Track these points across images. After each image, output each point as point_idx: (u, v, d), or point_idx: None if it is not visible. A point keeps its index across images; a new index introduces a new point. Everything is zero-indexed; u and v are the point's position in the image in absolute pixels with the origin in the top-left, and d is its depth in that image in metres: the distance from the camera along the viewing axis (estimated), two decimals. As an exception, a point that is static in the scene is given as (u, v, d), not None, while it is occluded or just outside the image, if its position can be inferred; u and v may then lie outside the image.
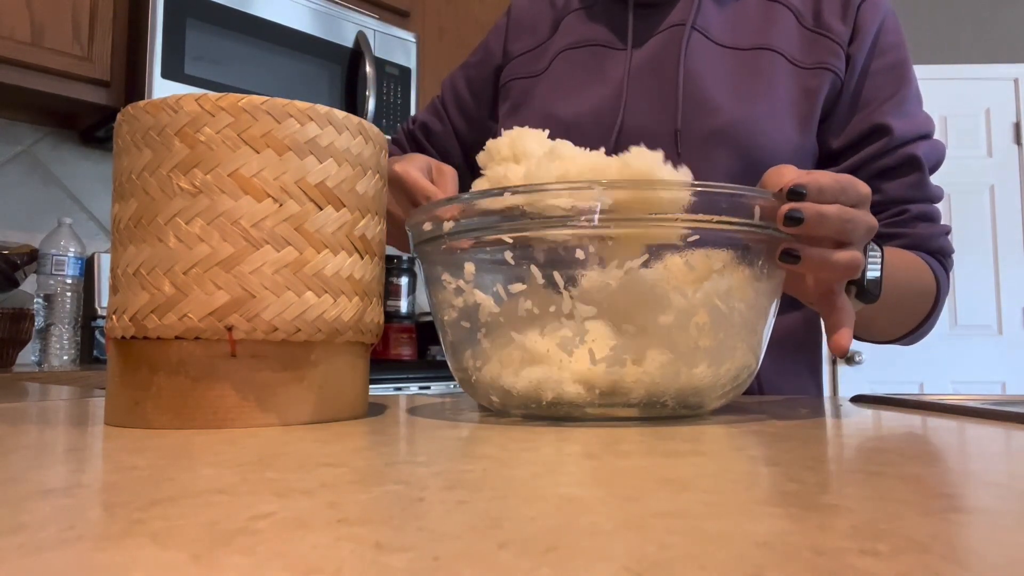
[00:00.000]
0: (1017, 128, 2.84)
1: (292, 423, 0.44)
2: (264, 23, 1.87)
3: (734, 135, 0.74)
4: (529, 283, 0.46)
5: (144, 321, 0.43)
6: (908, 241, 0.75)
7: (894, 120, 0.75)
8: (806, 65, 0.76)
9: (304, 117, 0.44)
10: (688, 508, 0.22)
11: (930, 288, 0.74)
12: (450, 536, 0.19)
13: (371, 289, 0.49)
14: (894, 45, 0.78)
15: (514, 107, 0.87)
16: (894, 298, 0.64)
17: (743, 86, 0.76)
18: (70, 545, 0.18)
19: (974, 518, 0.21)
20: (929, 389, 2.77)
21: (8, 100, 1.75)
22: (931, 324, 0.77)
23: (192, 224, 0.42)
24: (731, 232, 0.46)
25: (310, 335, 0.44)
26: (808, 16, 0.78)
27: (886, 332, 0.77)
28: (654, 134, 0.77)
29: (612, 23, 0.83)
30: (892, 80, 0.77)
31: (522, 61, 0.88)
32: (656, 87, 0.78)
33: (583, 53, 0.83)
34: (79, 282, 1.64)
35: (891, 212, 0.75)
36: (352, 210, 0.47)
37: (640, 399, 0.45)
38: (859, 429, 0.45)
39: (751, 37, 0.78)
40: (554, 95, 0.83)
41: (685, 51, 0.77)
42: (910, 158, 0.75)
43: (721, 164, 0.73)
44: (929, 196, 0.76)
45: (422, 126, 0.96)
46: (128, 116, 0.45)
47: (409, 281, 2.39)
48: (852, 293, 0.56)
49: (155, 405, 0.42)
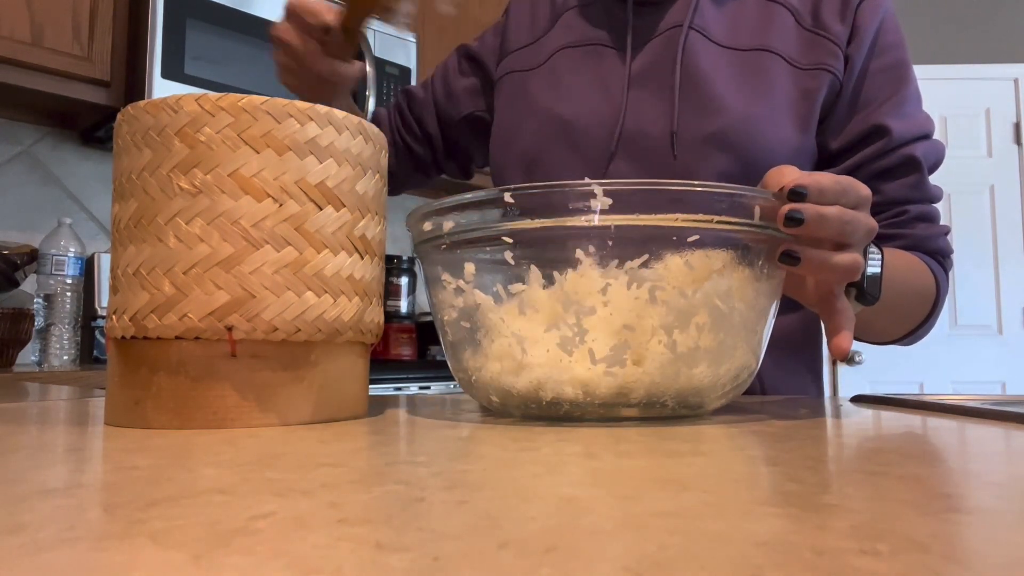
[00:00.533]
0: (1017, 128, 2.84)
1: (292, 423, 0.44)
2: (264, 23, 1.87)
3: (733, 136, 0.74)
4: (529, 283, 0.46)
5: (144, 321, 0.42)
6: (907, 242, 0.75)
7: (893, 121, 0.75)
8: (804, 66, 0.76)
9: (304, 117, 0.44)
10: (688, 508, 0.22)
11: (930, 289, 0.74)
12: (450, 536, 0.19)
13: (371, 289, 0.49)
14: (893, 45, 0.78)
15: (510, 100, 0.87)
16: (893, 299, 0.64)
17: (743, 86, 0.75)
18: (70, 545, 0.18)
19: (974, 518, 0.21)
20: (929, 389, 2.77)
21: (8, 100, 1.75)
22: (931, 325, 0.77)
23: (192, 224, 0.42)
24: (731, 232, 0.46)
25: (310, 335, 0.44)
26: (807, 16, 0.78)
27: (886, 333, 0.77)
28: (653, 136, 0.77)
29: (612, 22, 0.83)
30: (891, 80, 0.77)
31: (519, 55, 0.88)
32: (655, 89, 0.78)
33: (582, 52, 0.83)
34: (79, 282, 1.64)
35: (890, 213, 0.75)
36: (352, 210, 0.47)
37: (640, 399, 0.45)
38: (859, 429, 0.45)
39: (750, 37, 0.78)
40: (553, 92, 0.82)
41: (682, 52, 0.77)
42: (909, 159, 0.75)
43: (719, 165, 0.73)
44: (928, 196, 0.76)
45: (407, 94, 0.99)
46: (128, 116, 0.45)
47: (409, 281, 2.39)
48: (852, 295, 0.56)
49: (155, 405, 0.42)
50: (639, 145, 0.77)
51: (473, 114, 0.94)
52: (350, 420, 0.46)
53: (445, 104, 0.95)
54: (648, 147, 0.77)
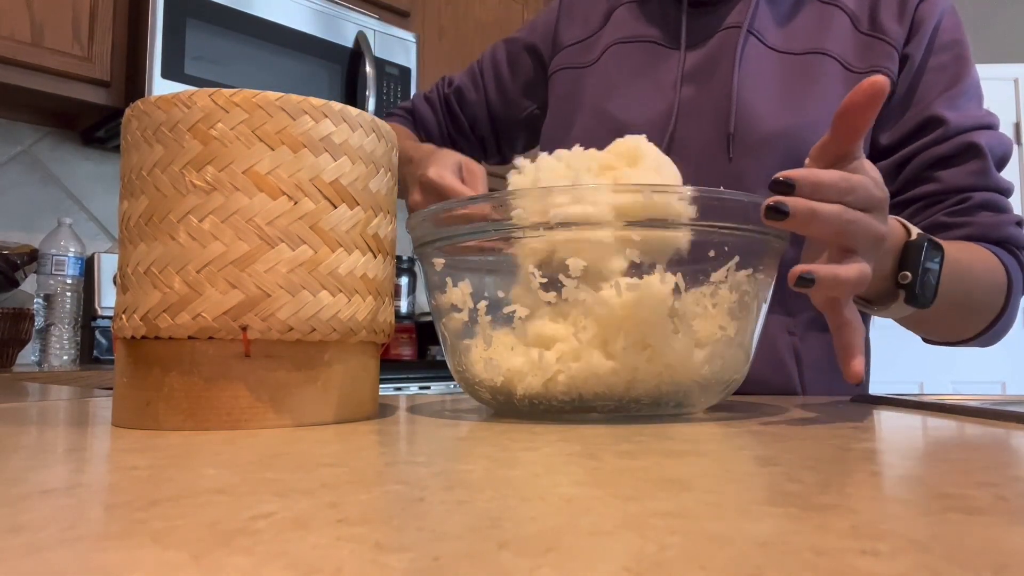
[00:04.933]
0: (1017, 128, 2.84)
1: (307, 424, 0.43)
2: (264, 23, 1.87)
3: (784, 141, 0.73)
4: (528, 284, 0.46)
5: (156, 320, 0.42)
6: (971, 231, 0.70)
7: (948, 112, 0.72)
8: (859, 69, 0.75)
9: (319, 114, 0.44)
10: (688, 508, 0.22)
11: (999, 282, 0.68)
12: (450, 536, 0.19)
13: (383, 288, 0.48)
14: (952, 43, 0.76)
15: (563, 98, 0.86)
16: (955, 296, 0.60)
17: (794, 92, 0.75)
18: (70, 545, 0.18)
19: (974, 518, 0.21)
20: (929, 389, 2.77)
21: (8, 100, 1.75)
22: (1008, 320, 0.71)
23: (205, 222, 0.42)
24: (726, 234, 0.46)
25: (325, 335, 0.44)
26: (864, 19, 0.77)
27: (953, 332, 0.71)
28: (706, 138, 0.76)
29: (665, 21, 0.82)
30: (948, 77, 0.75)
31: (571, 51, 0.87)
32: (709, 91, 0.77)
33: (635, 48, 0.82)
34: (79, 282, 1.63)
35: (951, 201, 0.71)
36: (365, 208, 0.46)
37: (637, 398, 0.45)
38: (859, 429, 0.45)
39: (805, 41, 0.77)
40: (606, 91, 0.82)
41: (740, 56, 0.75)
42: (970, 145, 0.71)
43: (773, 169, 0.73)
44: (995, 186, 0.71)
45: (457, 91, 0.95)
46: (138, 111, 0.44)
47: (409, 281, 2.39)
48: (901, 296, 0.53)
49: (167, 406, 0.41)
50: (691, 147, 0.76)
51: (531, 113, 0.92)
52: (362, 421, 0.46)
53: (500, 108, 0.93)
54: (700, 149, 0.76)
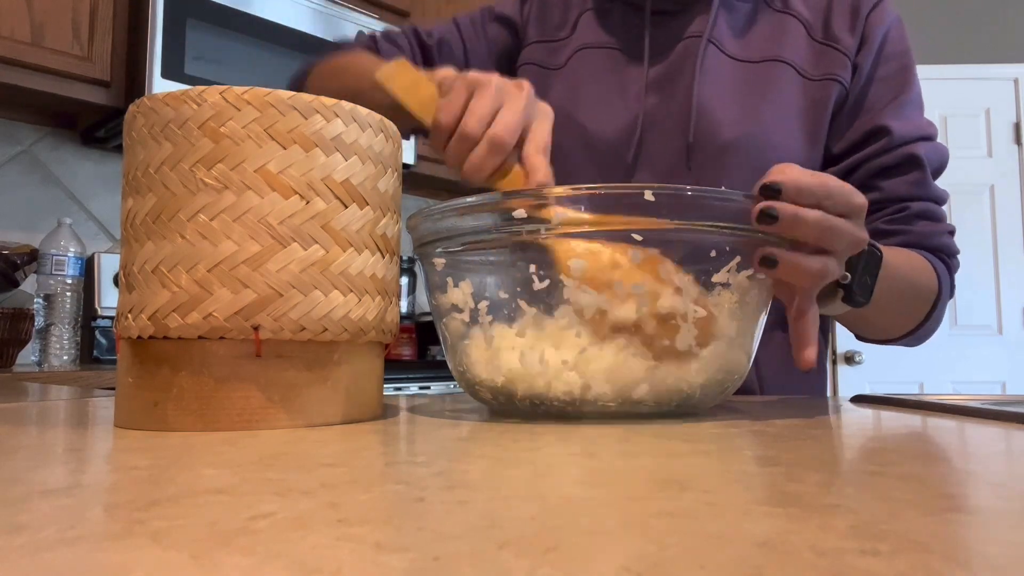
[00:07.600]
0: (1017, 128, 2.84)
1: (318, 424, 0.43)
2: (264, 23, 1.87)
3: (744, 149, 0.74)
4: (528, 284, 0.46)
5: (165, 320, 0.41)
6: (908, 238, 0.74)
7: (893, 122, 0.75)
8: (814, 76, 0.77)
9: (330, 113, 0.44)
10: (688, 508, 0.22)
11: (930, 287, 0.73)
12: (450, 536, 0.19)
13: (391, 288, 0.48)
14: (898, 53, 0.79)
15: None
16: (889, 297, 0.63)
17: (752, 99, 0.76)
18: (70, 545, 0.18)
19: (974, 518, 0.21)
20: (929, 389, 2.77)
21: (8, 100, 1.75)
22: (934, 324, 0.75)
23: (216, 220, 0.41)
24: (721, 234, 0.46)
25: (336, 335, 0.43)
26: (818, 28, 0.79)
27: (885, 331, 0.76)
28: (669, 148, 0.77)
29: (627, 30, 0.83)
30: (894, 86, 0.77)
31: (539, 48, 0.87)
32: (672, 101, 0.78)
33: (601, 55, 0.83)
34: (79, 282, 1.63)
35: (891, 210, 0.75)
36: (374, 208, 0.46)
37: (638, 399, 0.45)
38: (859, 429, 0.45)
39: (762, 49, 0.78)
40: (572, 98, 0.82)
41: (701, 65, 0.77)
42: (910, 156, 0.75)
43: (733, 177, 0.74)
44: (931, 196, 0.76)
45: (441, 43, 0.87)
46: (144, 108, 0.43)
47: (409, 281, 2.39)
48: (839, 295, 0.55)
49: (177, 407, 0.41)
50: (656, 157, 0.77)
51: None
52: (370, 421, 0.46)
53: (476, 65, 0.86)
54: (664, 159, 0.77)
